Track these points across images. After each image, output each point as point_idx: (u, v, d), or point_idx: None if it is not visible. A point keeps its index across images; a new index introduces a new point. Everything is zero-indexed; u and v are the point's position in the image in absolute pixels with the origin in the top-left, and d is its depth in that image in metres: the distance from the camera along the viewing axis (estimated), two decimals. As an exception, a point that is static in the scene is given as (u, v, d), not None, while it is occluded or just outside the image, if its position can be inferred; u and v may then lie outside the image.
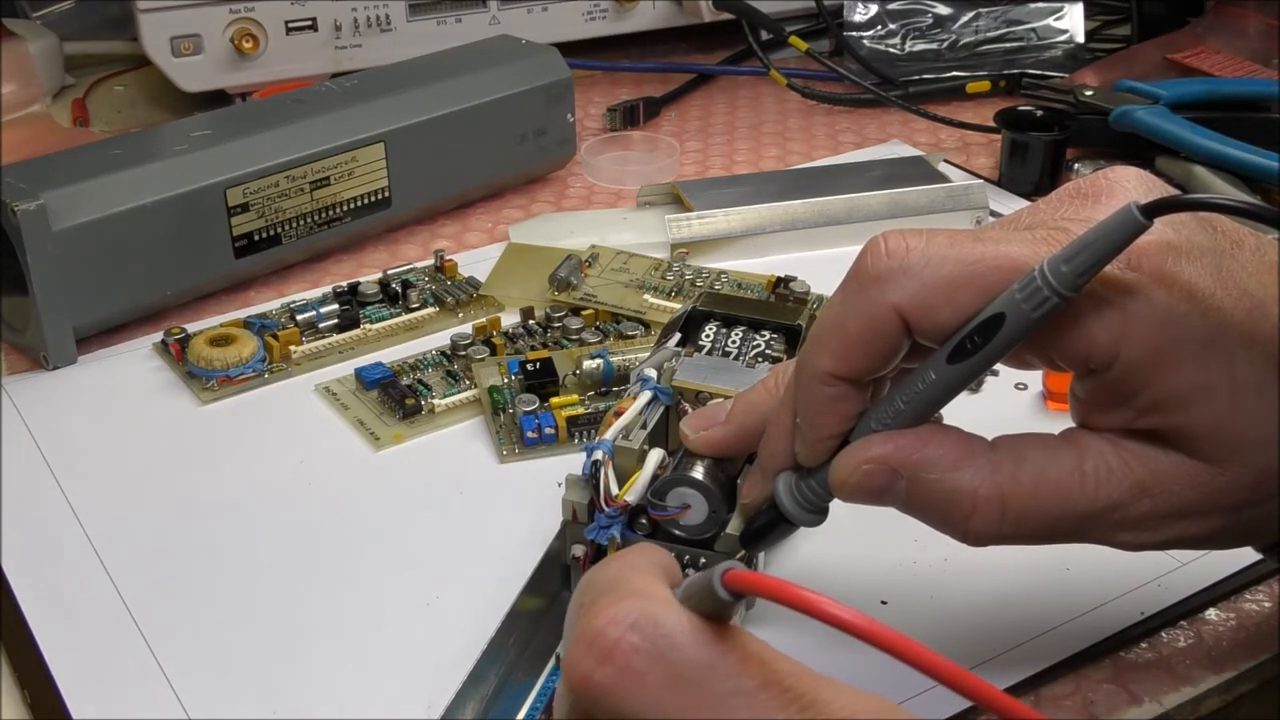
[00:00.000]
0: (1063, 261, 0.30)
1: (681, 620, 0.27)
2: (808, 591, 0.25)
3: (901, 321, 0.33)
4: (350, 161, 0.62)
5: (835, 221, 0.65)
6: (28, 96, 0.83)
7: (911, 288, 0.32)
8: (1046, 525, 0.33)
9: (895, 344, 0.33)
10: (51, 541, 0.45)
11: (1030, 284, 0.31)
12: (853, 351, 0.33)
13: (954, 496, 0.33)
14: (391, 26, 0.79)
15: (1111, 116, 0.70)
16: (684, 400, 0.42)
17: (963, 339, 0.32)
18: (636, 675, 0.26)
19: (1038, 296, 0.31)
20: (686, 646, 0.27)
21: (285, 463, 0.49)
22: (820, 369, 0.34)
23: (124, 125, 0.82)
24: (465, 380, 0.53)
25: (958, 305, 0.32)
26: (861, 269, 0.33)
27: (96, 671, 0.40)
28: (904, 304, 0.32)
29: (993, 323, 0.32)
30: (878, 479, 0.33)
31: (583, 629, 0.27)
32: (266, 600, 0.43)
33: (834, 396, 0.34)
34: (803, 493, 0.36)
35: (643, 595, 0.28)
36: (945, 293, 0.32)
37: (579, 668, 0.27)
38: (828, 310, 0.35)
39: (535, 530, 0.42)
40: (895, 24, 0.90)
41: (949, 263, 0.32)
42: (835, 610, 0.25)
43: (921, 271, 0.32)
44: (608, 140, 0.77)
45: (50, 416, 0.52)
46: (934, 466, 0.33)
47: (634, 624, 0.27)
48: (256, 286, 0.62)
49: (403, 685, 0.39)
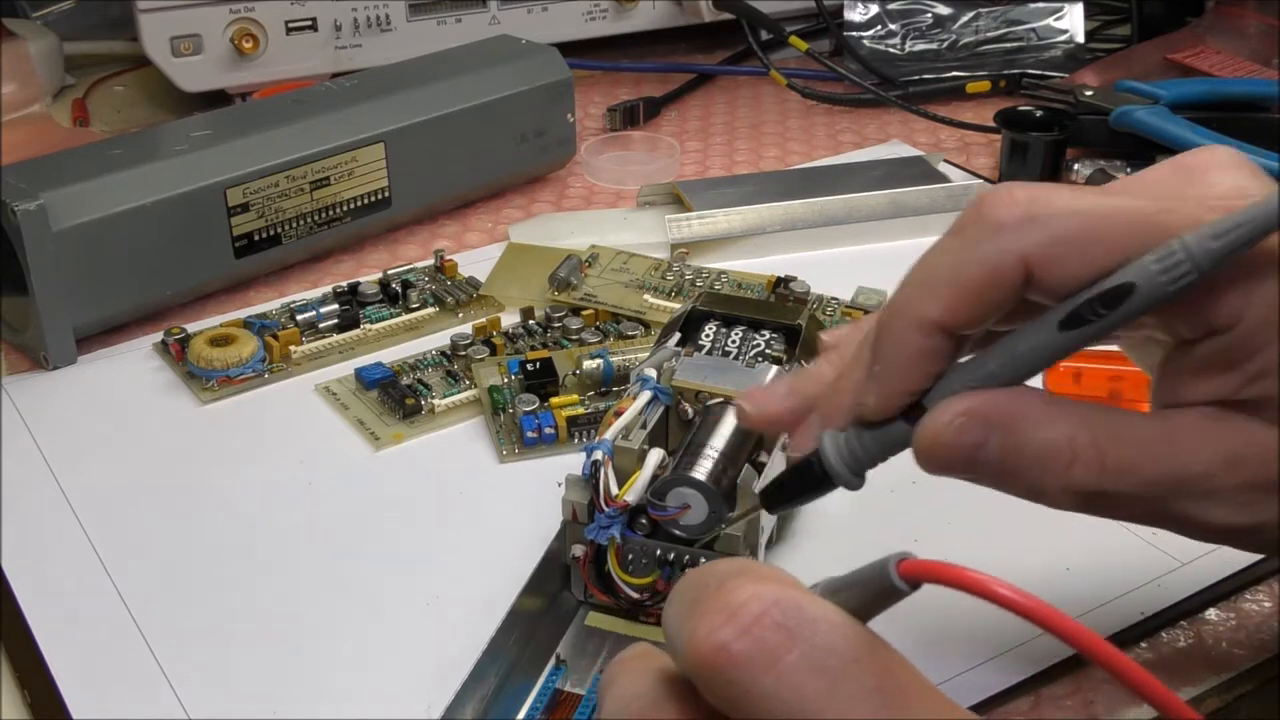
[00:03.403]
0: (1211, 236, 0.29)
1: (826, 609, 0.26)
2: (984, 576, 0.25)
3: (1024, 273, 0.31)
4: (350, 161, 0.62)
5: (835, 221, 0.65)
6: (28, 96, 0.83)
7: (1040, 236, 0.31)
8: (1143, 484, 0.32)
9: (1012, 296, 0.32)
10: (51, 541, 0.45)
11: (1170, 256, 0.30)
12: (966, 300, 0.32)
13: (1052, 446, 0.31)
14: (391, 26, 0.79)
15: (1111, 116, 0.70)
16: (684, 400, 0.42)
17: (1081, 305, 0.31)
18: (776, 653, 0.25)
19: (1179, 269, 0.30)
20: (832, 635, 0.26)
21: (285, 463, 0.49)
22: (925, 316, 0.32)
23: (124, 125, 0.82)
24: (465, 380, 0.53)
25: (1089, 259, 0.31)
26: (984, 215, 0.32)
27: (96, 671, 0.40)
28: (1032, 253, 0.31)
29: (1120, 292, 0.30)
30: (972, 432, 0.31)
31: (719, 601, 0.26)
32: (266, 600, 0.43)
33: (927, 349, 0.32)
34: (851, 449, 0.34)
35: (783, 581, 0.27)
36: (1077, 245, 0.31)
37: (714, 638, 0.26)
38: (937, 256, 0.33)
39: (535, 530, 0.42)
40: (895, 24, 0.90)
41: (1079, 214, 0.31)
42: (1011, 595, 0.25)
43: (1050, 221, 0.31)
44: (608, 140, 0.77)
45: (50, 416, 0.52)
46: (1029, 417, 0.31)
47: (777, 602, 0.26)
48: (256, 286, 0.62)
49: (403, 685, 0.39)
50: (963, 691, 0.38)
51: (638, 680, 0.28)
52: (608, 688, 0.29)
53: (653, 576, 0.39)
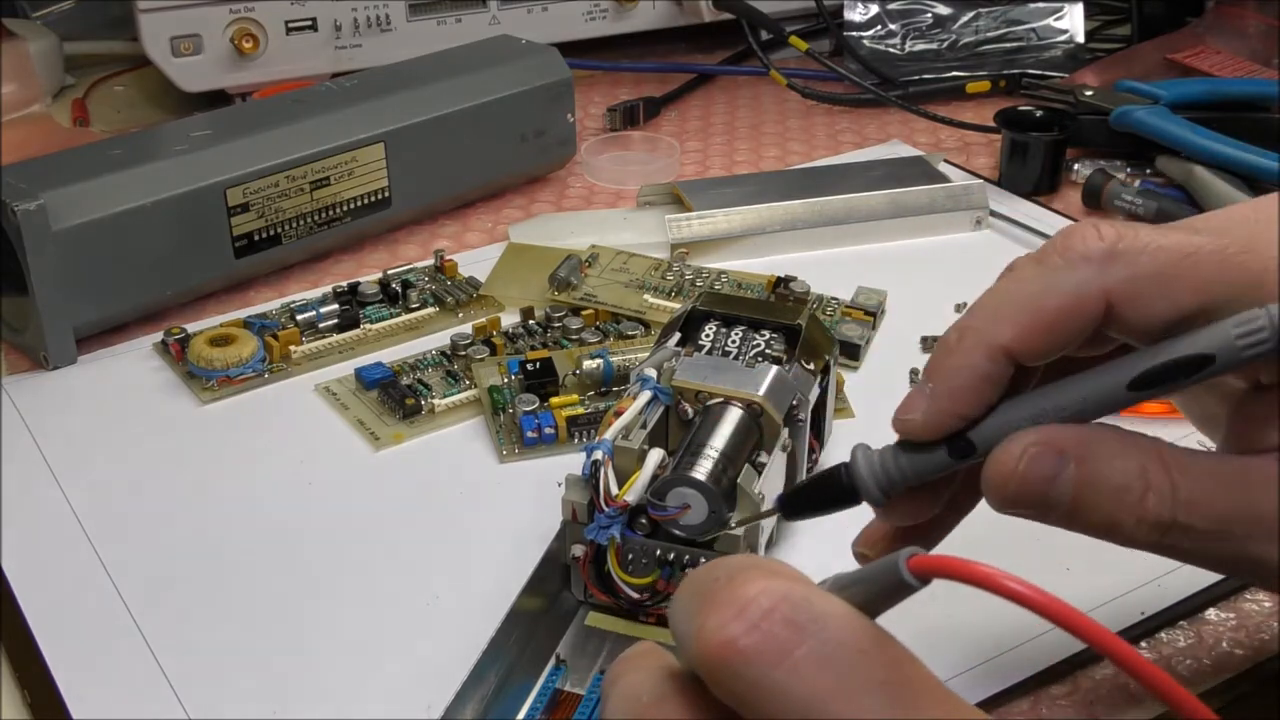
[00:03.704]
0: None
1: (835, 604, 0.26)
2: (995, 570, 0.25)
3: (1105, 307, 0.31)
4: (350, 161, 0.62)
5: (835, 221, 0.65)
6: (28, 96, 0.83)
7: (1124, 273, 0.31)
8: (1217, 519, 0.31)
9: (1087, 330, 0.31)
10: (51, 541, 0.45)
11: (1254, 326, 0.29)
12: (1041, 329, 0.32)
13: (1126, 476, 0.31)
14: (391, 26, 0.79)
15: (1111, 116, 0.70)
16: (684, 400, 0.42)
17: (1155, 368, 0.30)
18: (785, 648, 0.25)
19: (1259, 339, 0.29)
20: (841, 630, 0.25)
21: (285, 463, 0.49)
22: (996, 340, 0.32)
23: (124, 125, 0.82)
24: (465, 380, 0.53)
25: (1172, 298, 0.31)
26: (1069, 247, 0.32)
27: (96, 671, 0.40)
28: (1115, 289, 0.31)
29: (1199, 361, 0.30)
30: (1045, 463, 0.31)
31: (728, 596, 0.26)
32: (266, 600, 0.43)
33: (990, 375, 0.32)
34: (885, 467, 0.33)
35: (792, 577, 0.27)
36: (1161, 284, 0.31)
37: (723, 633, 0.25)
38: (1015, 283, 0.32)
39: (535, 530, 0.42)
40: (895, 24, 0.90)
41: (1164, 251, 0.31)
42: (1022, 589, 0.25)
43: (1135, 258, 0.31)
44: (608, 140, 0.77)
45: (50, 416, 0.52)
46: (1104, 447, 0.31)
47: (786, 596, 0.26)
48: (256, 286, 0.62)
49: (403, 685, 0.39)
50: (963, 691, 0.38)
51: (643, 677, 0.28)
52: (613, 685, 0.29)
53: (653, 576, 0.39)
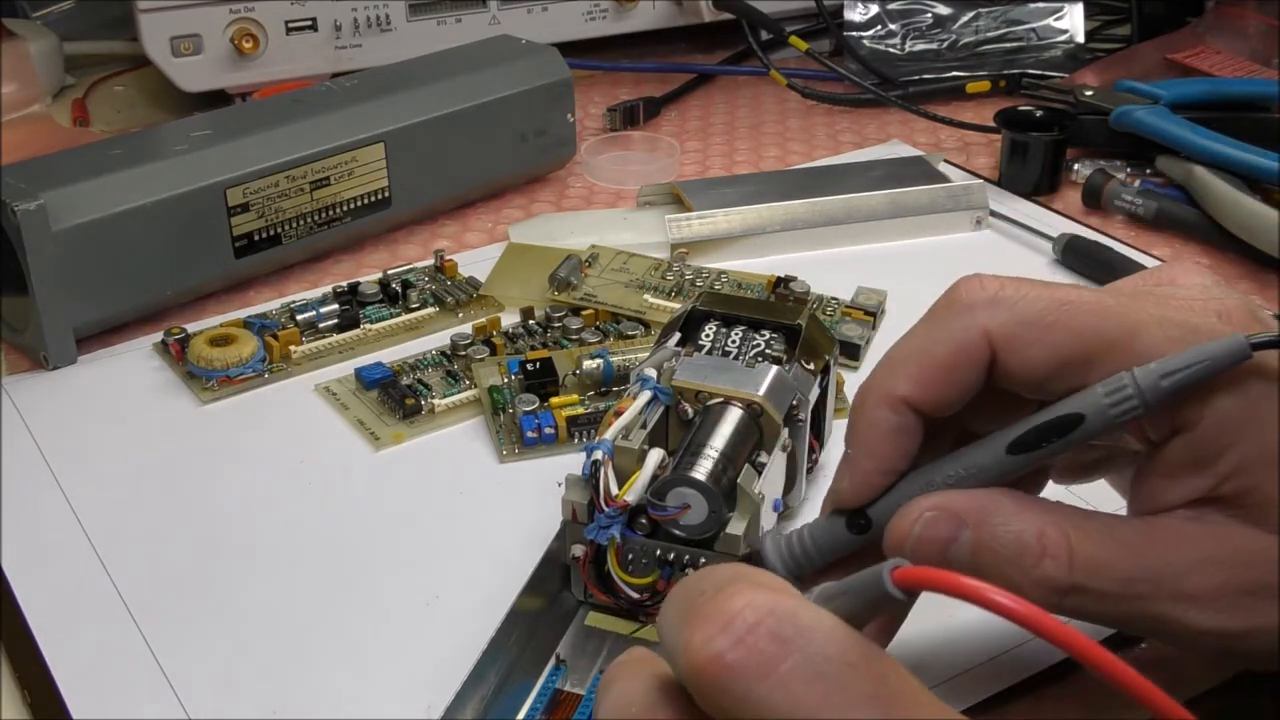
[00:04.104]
0: (1160, 375, 0.30)
1: (821, 617, 0.26)
2: (979, 582, 0.25)
3: (989, 350, 0.33)
4: (350, 161, 0.62)
5: (835, 221, 0.65)
6: (28, 96, 0.83)
7: (1005, 316, 0.33)
8: (1118, 581, 0.32)
9: (978, 374, 0.33)
10: (51, 541, 0.45)
11: (1120, 389, 0.31)
12: (934, 377, 0.33)
13: (1022, 539, 0.32)
14: (391, 26, 0.79)
15: (1111, 116, 0.70)
16: (684, 400, 0.42)
17: (1029, 432, 0.32)
18: (771, 662, 0.25)
19: (1127, 404, 0.31)
20: (827, 643, 0.25)
21: (285, 463, 0.49)
22: (894, 393, 0.33)
23: (124, 125, 0.82)
24: (465, 380, 0.53)
25: (1051, 343, 0.32)
26: (954, 299, 0.34)
27: (96, 671, 0.40)
28: (997, 331, 0.33)
29: (1069, 421, 0.31)
30: (943, 527, 0.32)
31: (714, 610, 0.26)
32: (266, 600, 0.43)
33: (899, 427, 0.34)
34: (792, 551, 0.35)
35: (778, 589, 0.27)
36: (1041, 328, 0.32)
37: (709, 648, 0.26)
38: (908, 339, 0.34)
39: (535, 530, 0.42)
40: (895, 24, 0.90)
41: (1043, 300, 0.33)
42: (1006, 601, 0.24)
43: (1017, 303, 0.33)
44: (608, 140, 0.77)
45: (50, 416, 0.52)
46: (1000, 511, 0.32)
47: (772, 610, 0.26)
48: (256, 286, 0.62)
49: (403, 685, 0.39)
50: (962, 693, 0.38)
51: (635, 684, 0.28)
52: (606, 691, 0.29)
53: (653, 576, 0.39)
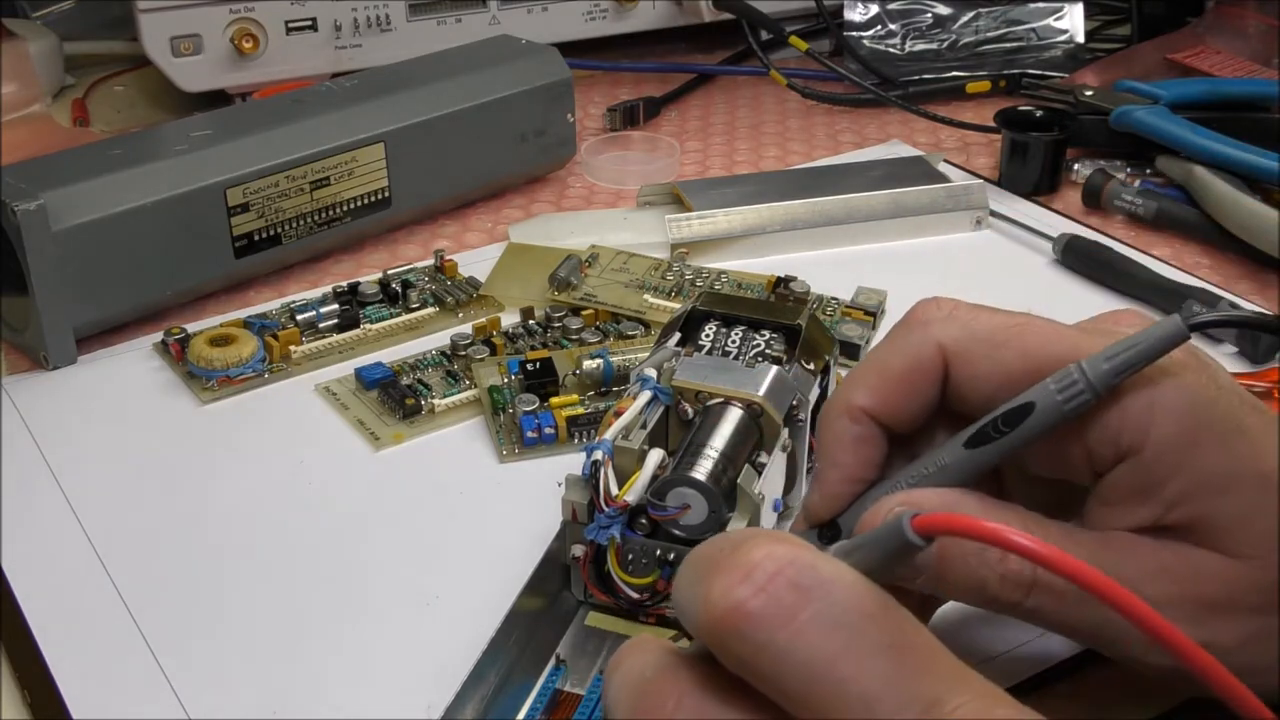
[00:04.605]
0: (1104, 359, 0.32)
1: (840, 569, 0.26)
2: (996, 524, 0.25)
3: (943, 363, 0.34)
4: (350, 161, 0.62)
5: (835, 221, 0.65)
6: (28, 96, 0.83)
7: (957, 331, 0.34)
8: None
9: (932, 385, 0.34)
10: (51, 541, 0.45)
11: (1067, 377, 0.32)
12: (891, 388, 0.34)
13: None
14: (391, 26, 0.79)
15: (1111, 116, 0.70)
16: (684, 400, 0.42)
17: (985, 424, 0.33)
18: (791, 611, 0.25)
19: (1073, 390, 0.32)
20: (847, 593, 0.26)
21: (285, 463, 0.49)
22: (853, 403, 0.35)
23: (124, 125, 0.82)
24: (465, 380, 0.53)
25: (999, 360, 0.33)
26: (911, 317, 0.35)
27: (96, 671, 0.40)
28: (949, 344, 0.34)
29: (1021, 411, 0.32)
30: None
31: (734, 561, 0.26)
32: (266, 600, 0.43)
33: (860, 436, 0.35)
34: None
35: (797, 543, 0.27)
36: (988, 345, 0.34)
37: (730, 597, 0.26)
38: (869, 356, 0.36)
39: (535, 530, 0.42)
40: (895, 24, 0.90)
41: (996, 320, 0.34)
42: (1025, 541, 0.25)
43: (969, 320, 0.34)
44: (608, 140, 0.77)
45: (50, 416, 0.52)
46: (965, 508, 0.33)
47: (792, 560, 0.26)
48: (256, 286, 0.62)
49: (403, 685, 0.39)
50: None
51: (646, 657, 0.28)
52: (614, 671, 0.29)
53: (653, 576, 0.39)
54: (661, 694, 0.27)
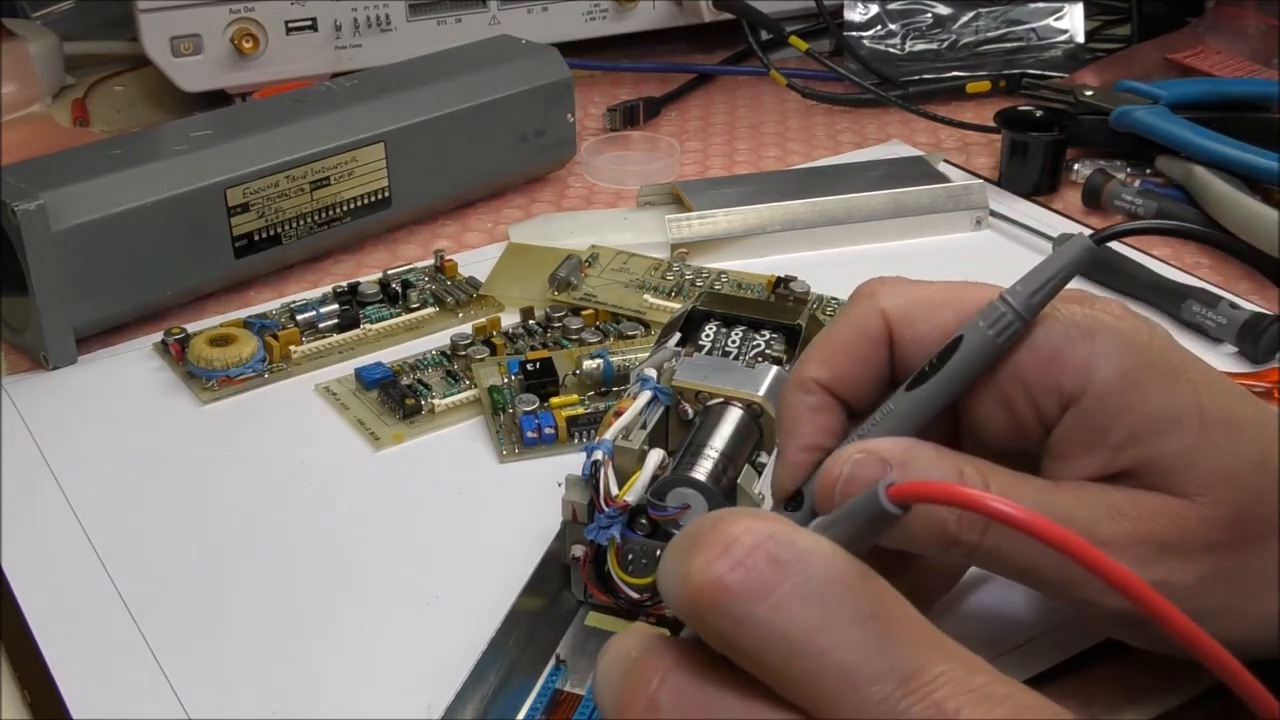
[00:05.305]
0: (1021, 283, 0.33)
1: (819, 542, 0.27)
2: (975, 490, 0.26)
3: (887, 329, 0.35)
4: (350, 161, 0.62)
5: (835, 221, 0.65)
6: (28, 96, 0.83)
7: (899, 299, 0.35)
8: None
9: (879, 350, 0.35)
10: (51, 541, 0.45)
11: (993, 309, 0.33)
12: (840, 356, 0.35)
13: (945, 477, 0.33)
14: (391, 26, 0.79)
15: (1111, 116, 0.70)
16: (684, 400, 0.42)
17: (922, 365, 0.34)
18: (770, 584, 0.26)
19: (996, 317, 0.33)
20: (825, 566, 0.26)
21: (285, 463, 0.49)
22: (805, 375, 0.36)
23: (124, 125, 0.82)
24: (465, 380, 0.53)
25: (938, 321, 0.34)
26: (857, 292, 0.37)
27: (96, 671, 0.40)
28: (890, 310, 0.35)
29: (952, 345, 0.33)
30: (871, 467, 0.33)
31: (712, 537, 0.27)
32: (266, 600, 0.43)
33: (815, 405, 0.35)
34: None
35: (776, 519, 0.27)
36: (928, 308, 0.35)
37: (708, 572, 0.26)
38: (820, 333, 0.37)
39: (535, 530, 0.42)
40: (895, 24, 0.90)
41: (935, 286, 0.36)
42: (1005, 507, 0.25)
43: (910, 289, 0.36)
44: (608, 140, 0.77)
45: (50, 416, 0.52)
46: (921, 453, 0.33)
47: (771, 535, 0.26)
48: (256, 286, 0.62)
49: (403, 685, 0.39)
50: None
51: (634, 639, 0.29)
52: (603, 655, 0.29)
53: (653, 576, 0.39)
54: (645, 672, 0.28)
